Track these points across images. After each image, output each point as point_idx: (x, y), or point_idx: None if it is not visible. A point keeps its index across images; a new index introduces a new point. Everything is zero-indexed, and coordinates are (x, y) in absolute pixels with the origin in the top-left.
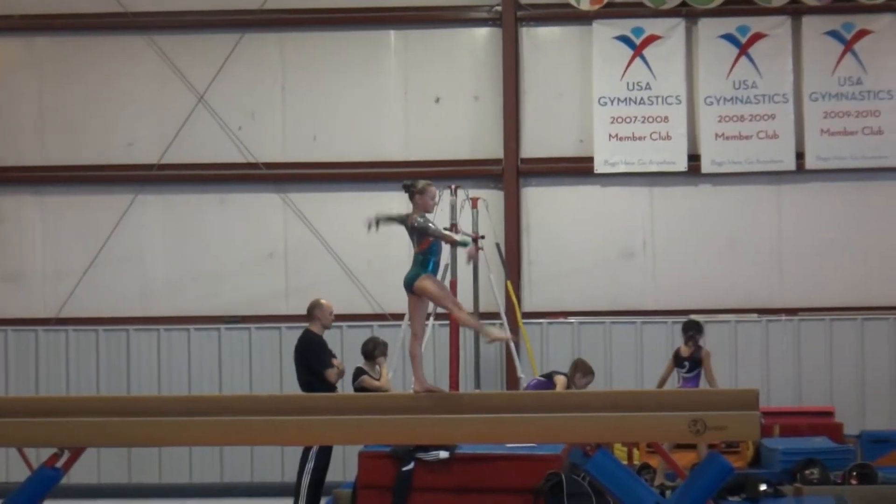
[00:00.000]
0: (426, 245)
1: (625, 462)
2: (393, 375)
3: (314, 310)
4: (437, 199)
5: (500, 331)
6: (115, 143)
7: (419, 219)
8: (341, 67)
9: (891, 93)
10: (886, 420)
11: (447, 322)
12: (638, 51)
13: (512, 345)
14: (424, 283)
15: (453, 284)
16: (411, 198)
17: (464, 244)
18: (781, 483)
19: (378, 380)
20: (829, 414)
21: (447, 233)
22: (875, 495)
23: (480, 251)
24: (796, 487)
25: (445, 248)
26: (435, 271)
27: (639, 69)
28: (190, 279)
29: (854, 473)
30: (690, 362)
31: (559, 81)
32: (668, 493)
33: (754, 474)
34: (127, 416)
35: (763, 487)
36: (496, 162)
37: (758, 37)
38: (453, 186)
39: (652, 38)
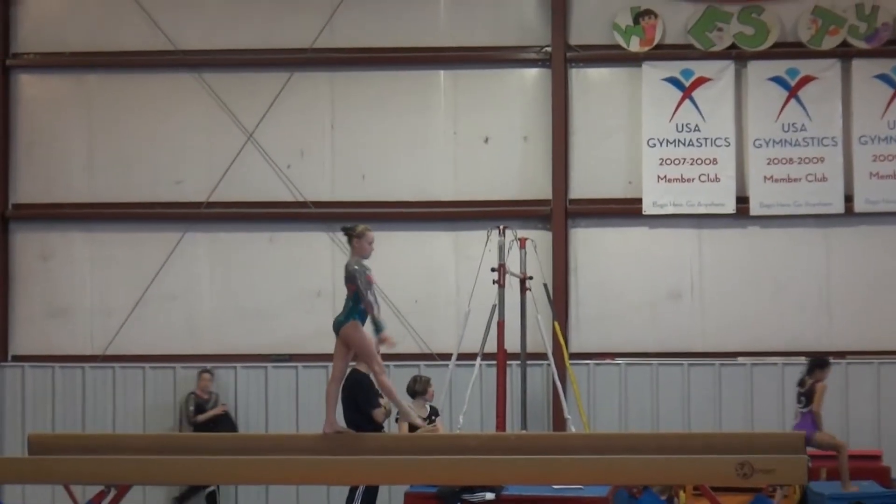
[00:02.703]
0: (353, 289)
1: None
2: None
3: None
4: (373, 244)
5: (419, 421)
6: (165, 180)
7: (355, 266)
8: (391, 107)
9: None
10: None
11: (494, 362)
12: (687, 93)
13: (559, 385)
14: (350, 331)
15: (500, 326)
16: (349, 241)
17: (378, 328)
18: None
19: (423, 418)
20: (877, 458)
21: (371, 302)
22: None
23: (529, 291)
24: None
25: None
26: (363, 319)
27: (688, 111)
28: (237, 317)
29: None
30: (806, 397)
31: (608, 122)
32: None
33: None
34: (172, 453)
35: None
36: (544, 202)
37: (807, 80)
38: (501, 227)
39: (701, 80)
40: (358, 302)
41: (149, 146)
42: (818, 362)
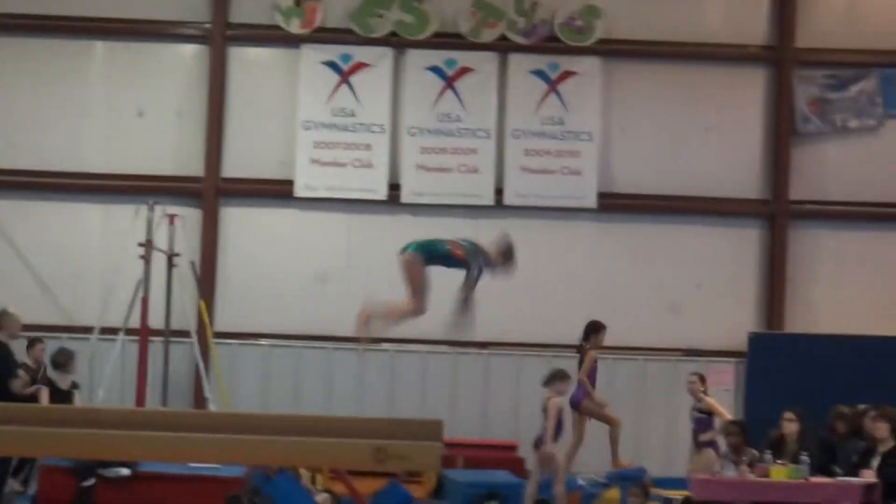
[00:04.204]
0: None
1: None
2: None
3: (2, 318)
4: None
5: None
6: None
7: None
8: (46, 75)
9: (590, 135)
10: (581, 464)
11: (136, 338)
12: (345, 77)
13: (201, 363)
14: (409, 259)
15: (144, 301)
16: None
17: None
18: None
19: (63, 388)
20: (513, 448)
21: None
22: None
23: (175, 268)
24: None
25: None
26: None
27: (345, 96)
28: None
29: None
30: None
31: (265, 103)
32: None
33: None
34: None
35: None
36: (196, 180)
37: (465, 71)
38: (151, 202)
39: (359, 66)
40: (439, 253)
41: None
42: (591, 327)
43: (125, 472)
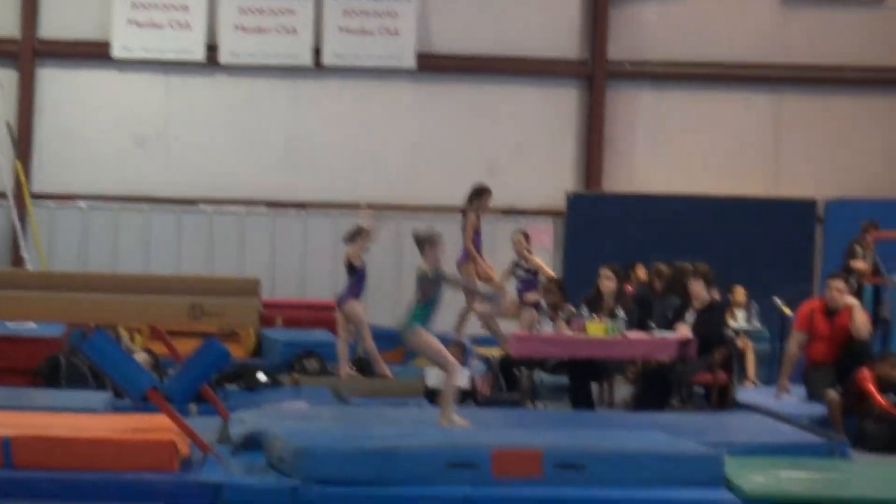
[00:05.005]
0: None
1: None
2: None
3: None
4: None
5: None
6: None
7: (436, 271)
8: None
9: None
10: (388, 317)
11: None
12: None
13: (17, 225)
14: (414, 339)
15: None
16: (421, 250)
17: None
18: (280, 373)
19: None
20: (331, 308)
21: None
22: (367, 387)
23: None
24: (293, 377)
25: None
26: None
27: None
28: None
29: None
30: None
31: None
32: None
33: (253, 364)
34: None
35: (261, 377)
36: (13, 41)
37: None
38: None
39: None
40: (427, 308)
41: None
42: (474, 191)
43: None
